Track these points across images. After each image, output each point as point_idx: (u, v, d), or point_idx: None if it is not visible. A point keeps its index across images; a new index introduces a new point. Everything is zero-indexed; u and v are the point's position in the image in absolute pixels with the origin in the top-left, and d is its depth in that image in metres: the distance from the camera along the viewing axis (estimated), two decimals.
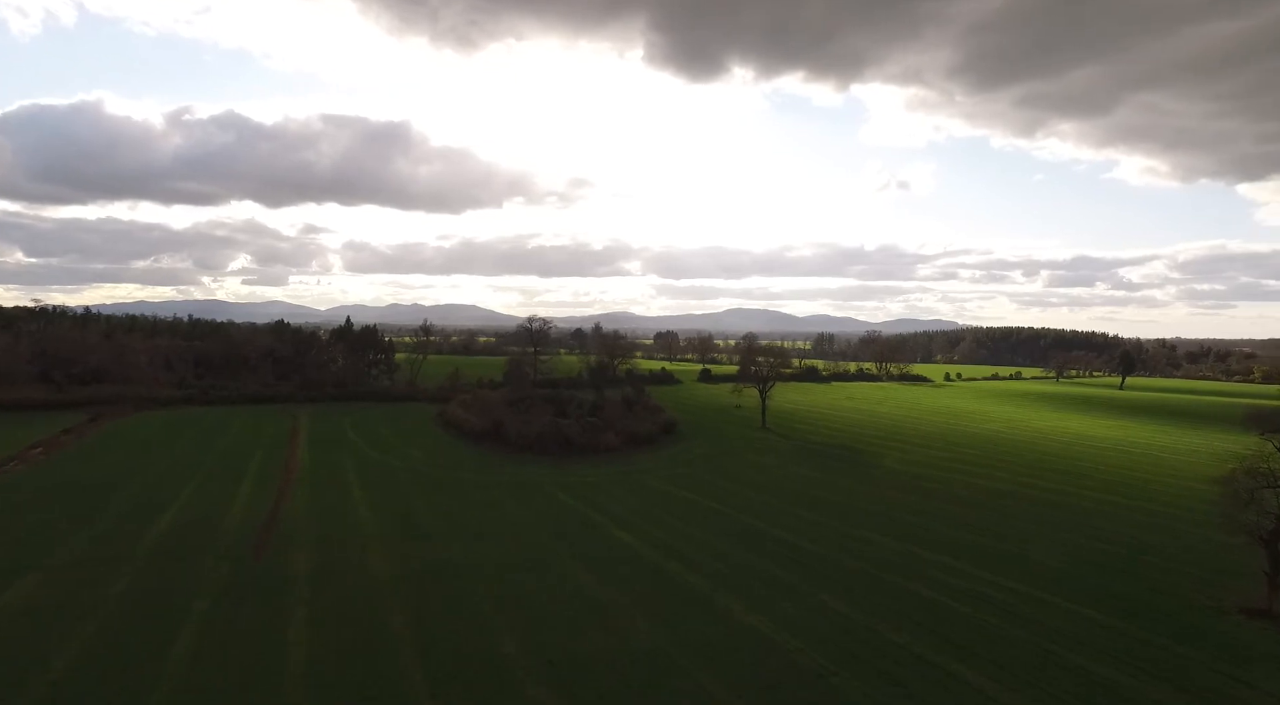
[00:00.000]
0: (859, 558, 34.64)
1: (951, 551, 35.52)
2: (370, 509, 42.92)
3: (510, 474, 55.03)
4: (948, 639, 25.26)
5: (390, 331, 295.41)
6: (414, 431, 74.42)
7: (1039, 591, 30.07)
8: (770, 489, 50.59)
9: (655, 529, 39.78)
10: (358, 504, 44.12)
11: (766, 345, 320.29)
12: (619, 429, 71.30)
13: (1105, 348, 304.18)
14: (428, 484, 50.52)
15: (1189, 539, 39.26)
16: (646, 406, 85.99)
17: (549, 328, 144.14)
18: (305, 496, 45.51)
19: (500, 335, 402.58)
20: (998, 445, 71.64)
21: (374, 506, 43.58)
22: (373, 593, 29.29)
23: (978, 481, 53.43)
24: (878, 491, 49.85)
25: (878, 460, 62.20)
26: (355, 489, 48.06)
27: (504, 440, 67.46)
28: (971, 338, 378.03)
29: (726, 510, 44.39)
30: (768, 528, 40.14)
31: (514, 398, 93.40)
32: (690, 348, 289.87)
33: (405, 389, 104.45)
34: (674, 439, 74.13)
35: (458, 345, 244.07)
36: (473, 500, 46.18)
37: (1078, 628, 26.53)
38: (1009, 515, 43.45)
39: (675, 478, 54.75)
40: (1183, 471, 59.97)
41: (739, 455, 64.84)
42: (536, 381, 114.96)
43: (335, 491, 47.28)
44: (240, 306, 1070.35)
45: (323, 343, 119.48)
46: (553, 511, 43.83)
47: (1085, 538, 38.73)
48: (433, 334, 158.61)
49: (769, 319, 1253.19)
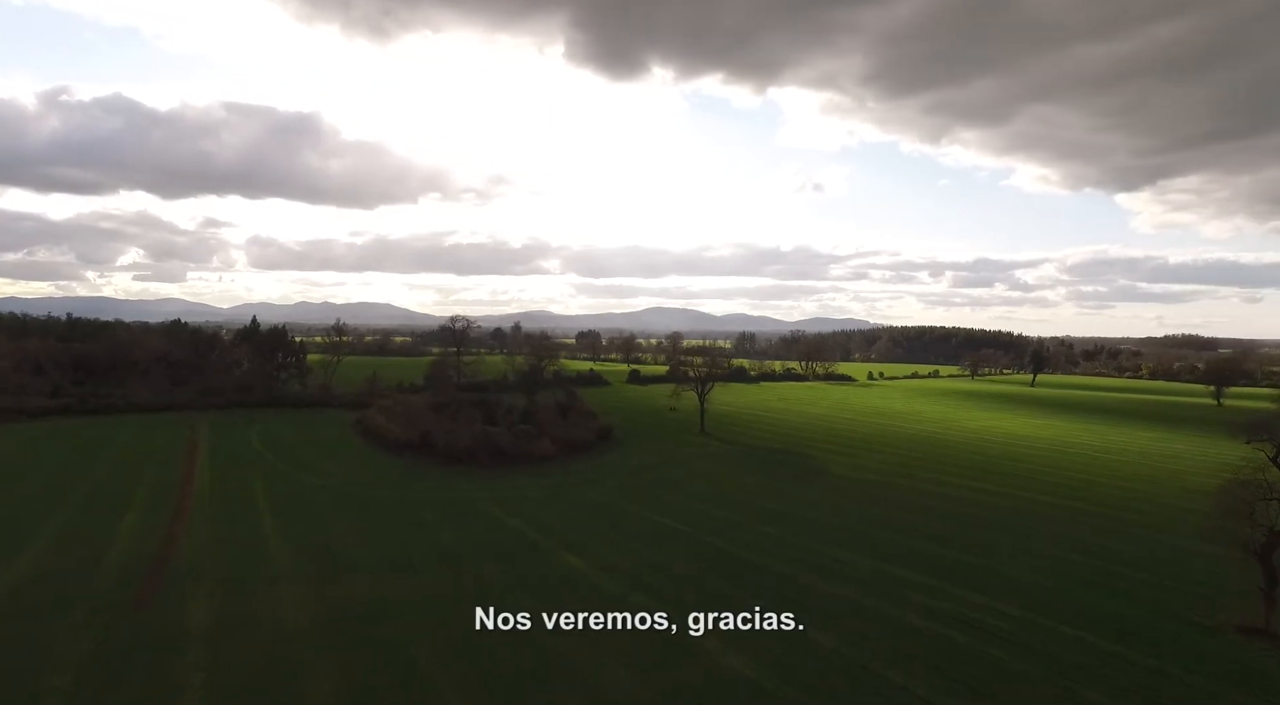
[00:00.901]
0: (835, 579, 32.26)
1: (929, 569, 33.62)
2: (283, 539, 37.69)
3: (440, 489, 50.42)
4: (956, 679, 22.99)
5: (300, 331, 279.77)
6: (330, 442, 68.30)
7: (1033, 614, 28.35)
8: (723, 501, 47.96)
9: (608, 551, 36.39)
10: (268, 533, 38.75)
11: (689, 344, 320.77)
12: (554, 436, 67.45)
13: (1010, 346, 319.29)
14: (349, 504, 45.38)
15: (1154, 546, 38.79)
16: (580, 411, 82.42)
17: (472, 328, 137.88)
18: (204, 526, 39.71)
19: (417, 334, 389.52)
20: (939, 447, 71.60)
21: (287, 535, 38.35)
22: (289, 649, 24.73)
23: (931, 488, 52.41)
24: (833, 501, 47.98)
25: (825, 466, 60.70)
26: (265, 514, 42.48)
27: (431, 450, 62.49)
28: (887, 337, 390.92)
29: (681, 527, 41.40)
30: (729, 547, 37.37)
31: (439, 403, 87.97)
32: (614, 347, 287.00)
33: (319, 394, 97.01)
34: (611, 445, 70.85)
35: (373, 345, 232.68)
36: (401, 522, 41.53)
37: (1087, 657, 24.80)
38: (974, 525, 42.18)
39: (619, 489, 51.45)
40: (1120, 471, 61.01)
41: (682, 462, 62.13)
42: (461, 384, 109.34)
43: (240, 518, 41.61)
44: (132, 304, 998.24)
45: (225, 344, 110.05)
46: (492, 533, 39.77)
47: (1058, 548, 37.64)
48: (346, 334, 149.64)
49: (688, 318, 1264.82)
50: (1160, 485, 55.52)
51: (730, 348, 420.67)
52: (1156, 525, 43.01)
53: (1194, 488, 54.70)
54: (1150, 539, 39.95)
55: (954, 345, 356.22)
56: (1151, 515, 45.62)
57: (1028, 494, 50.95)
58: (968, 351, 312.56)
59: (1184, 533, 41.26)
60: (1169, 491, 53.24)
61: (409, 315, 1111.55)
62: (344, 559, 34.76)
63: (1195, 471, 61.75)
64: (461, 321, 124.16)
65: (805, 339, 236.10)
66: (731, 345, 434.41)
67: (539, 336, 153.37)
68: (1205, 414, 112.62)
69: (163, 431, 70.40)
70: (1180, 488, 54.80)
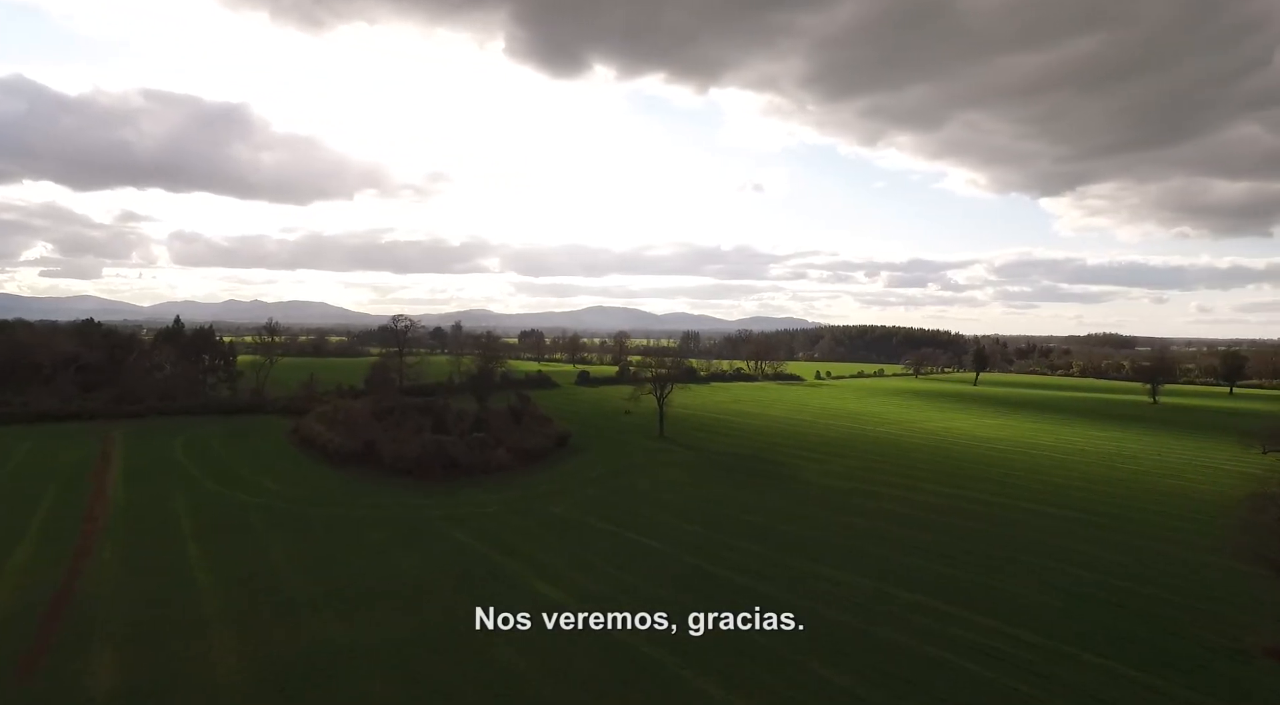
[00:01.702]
0: (835, 605, 29.68)
1: (930, 590, 31.40)
2: (211, 571, 33.00)
3: (390, 506, 46.10)
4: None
5: (228, 330, 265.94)
6: (264, 453, 62.75)
7: (1052, 640, 26.29)
8: (698, 514, 45.10)
9: (583, 577, 33.03)
10: (193, 564, 33.97)
11: (634, 344, 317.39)
12: (509, 444, 63.54)
13: (948, 345, 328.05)
14: (288, 526, 40.69)
15: (1151, 557, 37.40)
16: (535, 417, 78.52)
17: (415, 328, 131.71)
18: (115, 558, 34.63)
19: (353, 334, 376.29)
20: (906, 451, 70.36)
21: (216, 566, 33.65)
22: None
23: (909, 495, 50.64)
24: (813, 512, 45.65)
25: (796, 473, 58.54)
26: (189, 541, 37.49)
27: (377, 461, 57.78)
28: (829, 336, 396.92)
29: (658, 545, 38.33)
30: (715, 569, 34.47)
31: (382, 408, 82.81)
32: (559, 347, 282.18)
33: (251, 400, 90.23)
34: (569, 453, 67.33)
35: (308, 346, 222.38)
36: (348, 547, 37.24)
37: (1122, 692, 22.73)
38: (963, 537, 40.35)
39: (585, 503, 48.04)
40: (1090, 474, 60.42)
41: (647, 471, 59.08)
42: (405, 388, 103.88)
43: (160, 547, 36.59)
44: (40, 302, 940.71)
45: (145, 346, 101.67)
46: (452, 557, 35.91)
47: (1056, 562, 35.91)
48: (280, 333, 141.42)
49: (629, 317, 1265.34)
50: (1132, 489, 55.12)
51: (675, 347, 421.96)
52: (1147, 533, 42.03)
53: (1166, 490, 54.76)
54: (1146, 549, 38.71)
55: (894, 344, 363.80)
56: (1137, 522, 44.73)
57: (1008, 500, 49.69)
58: (908, 350, 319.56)
59: (1175, 541, 40.43)
60: (1144, 496, 52.75)
61: (345, 314, 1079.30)
62: (284, 594, 30.44)
63: (1159, 473, 62.06)
64: (404, 321, 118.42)
65: (754, 339, 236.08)
66: (676, 345, 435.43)
67: (485, 337, 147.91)
68: (1146, 412, 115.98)
69: (70, 444, 63.51)
70: (1152, 491, 54.61)
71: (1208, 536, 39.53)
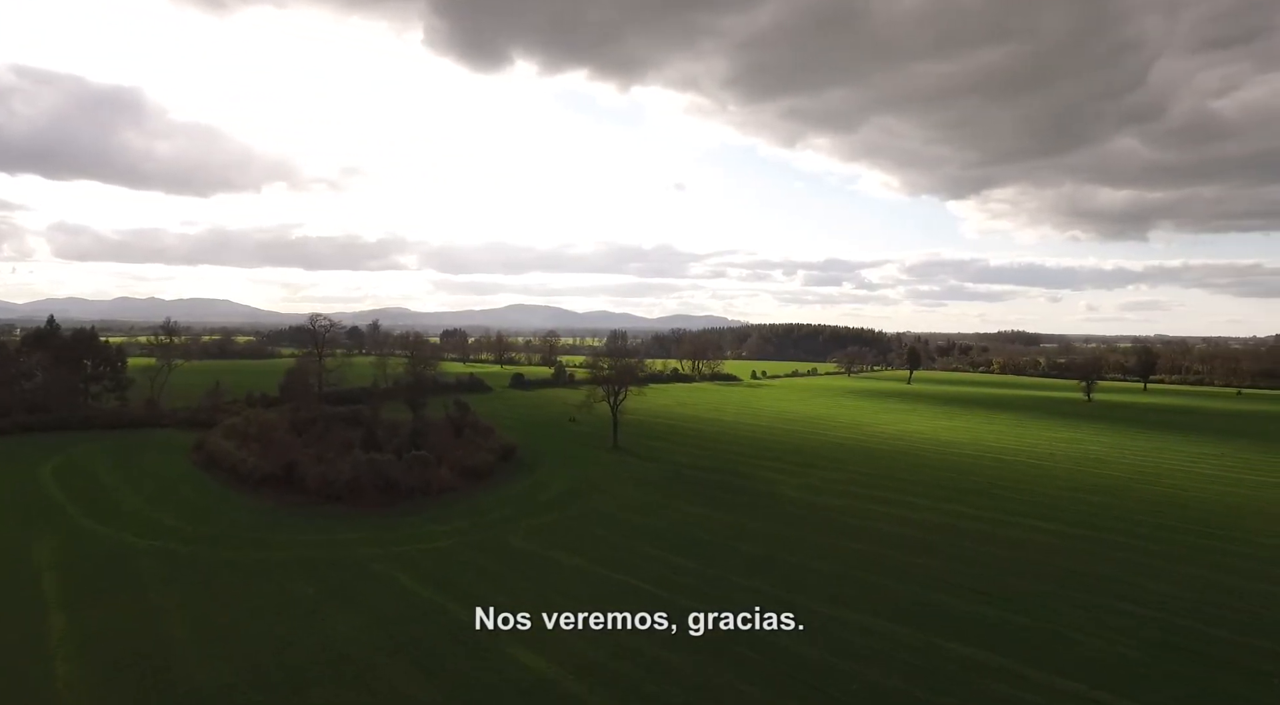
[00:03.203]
0: (881, 665, 24.83)
1: (982, 640, 26.97)
2: (80, 655, 25.36)
3: (318, 543, 38.81)
4: None
5: (120, 330, 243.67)
6: (161, 477, 53.69)
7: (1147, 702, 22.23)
8: (679, 543, 39.78)
9: (574, 640, 27.09)
10: (54, 644, 26.16)
11: (561, 343, 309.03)
12: (452, 461, 56.65)
13: (873, 342, 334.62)
14: (190, 579, 32.99)
15: (1196, 586, 33.51)
16: (477, 427, 71.50)
17: (334, 328, 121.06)
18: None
19: (262, 334, 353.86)
20: (876, 459, 66.56)
21: (89, 645, 26.00)
22: None
23: (902, 513, 46.65)
24: (808, 537, 41.02)
25: (772, 487, 54.02)
26: (53, 609, 29.33)
27: (299, 486, 49.90)
28: (757, 334, 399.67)
29: (647, 587, 32.75)
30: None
31: (302, 419, 74.13)
32: (484, 347, 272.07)
33: (144, 411, 79.18)
34: (516, 468, 60.97)
35: (212, 347, 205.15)
36: (269, 606, 30.10)
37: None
38: (982, 566, 36.31)
39: (547, 532, 41.99)
40: (1078, 483, 57.40)
41: (609, 490, 53.40)
42: (325, 394, 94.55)
43: (8, 619, 28.47)
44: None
45: (11, 350, 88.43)
46: (402, 614, 29.37)
47: (1100, 596, 31.96)
48: (178, 333, 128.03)
49: (550, 315, 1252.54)
50: (1126, 499, 52.59)
51: (602, 346, 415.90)
52: (1176, 554, 38.98)
53: (1160, 499, 52.50)
54: (1189, 577, 35.08)
55: (821, 342, 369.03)
56: (1157, 539, 41.77)
57: (1007, 517, 46.22)
58: (834, 348, 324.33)
59: (1215, 564, 37.36)
60: (1142, 507, 50.07)
61: (252, 313, 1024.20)
62: (186, 684, 23.32)
63: (1141, 479, 60.50)
64: (323, 321, 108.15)
65: (688, 338, 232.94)
66: (603, 343, 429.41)
67: (412, 337, 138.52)
68: (1084, 409, 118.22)
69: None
70: (1147, 500, 52.30)
71: (1242, 555, 37.38)
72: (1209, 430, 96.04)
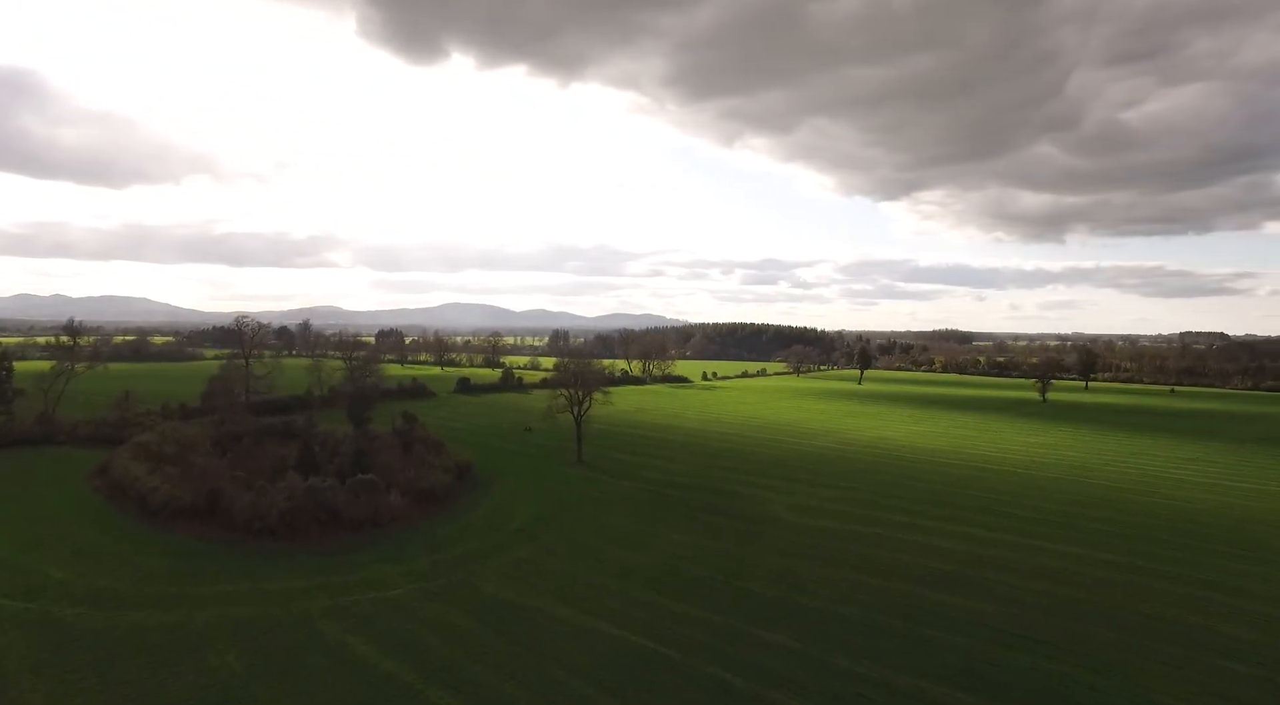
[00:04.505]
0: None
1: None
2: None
3: (247, 598, 32.23)
4: None
5: (17, 330, 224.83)
6: (51, 512, 45.55)
7: None
8: (676, 584, 34.77)
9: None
10: None
11: (503, 343, 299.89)
12: (401, 483, 50.25)
13: (815, 341, 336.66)
14: (76, 660, 26.02)
15: (1260, 624, 30.85)
16: (427, 442, 64.78)
17: (263, 330, 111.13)
18: None
19: (183, 334, 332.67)
20: (865, 472, 62.21)
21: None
22: None
23: (916, 539, 42.45)
24: (821, 572, 36.45)
25: (763, 508, 49.43)
26: None
27: (224, 519, 42.80)
28: (701, 333, 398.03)
29: (651, 645, 27.65)
30: (748, 684, 24.37)
31: (227, 434, 66.21)
32: (422, 347, 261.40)
33: (35, 427, 69.00)
34: (475, 489, 55.05)
35: (125, 349, 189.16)
36: (181, 685, 23.74)
37: None
38: (1028, 605, 32.16)
39: (523, 572, 36.37)
40: (1084, 496, 55.16)
41: (581, 513, 48.00)
42: (253, 404, 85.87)
43: None
44: None
45: None
46: (353, 697, 23.50)
47: (1190, 650, 27.99)
48: (84, 333, 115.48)
49: (486, 314, 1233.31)
50: (1154, 516, 49.90)
51: (544, 346, 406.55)
52: (1230, 587, 35.89)
53: (1171, 513, 49.83)
54: (1262, 616, 32.13)
55: (765, 341, 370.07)
56: (1190, 566, 38.60)
57: (1027, 540, 42.45)
58: (778, 348, 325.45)
59: (1269, 598, 34.31)
60: (1179, 527, 47.29)
61: (173, 311, 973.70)
62: None
63: (1153, 491, 58.44)
64: (250, 323, 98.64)
65: (637, 338, 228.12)
66: (545, 343, 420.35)
67: (352, 339, 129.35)
68: (1045, 410, 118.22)
69: None
70: (1184, 516, 49.75)
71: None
72: (1170, 431, 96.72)
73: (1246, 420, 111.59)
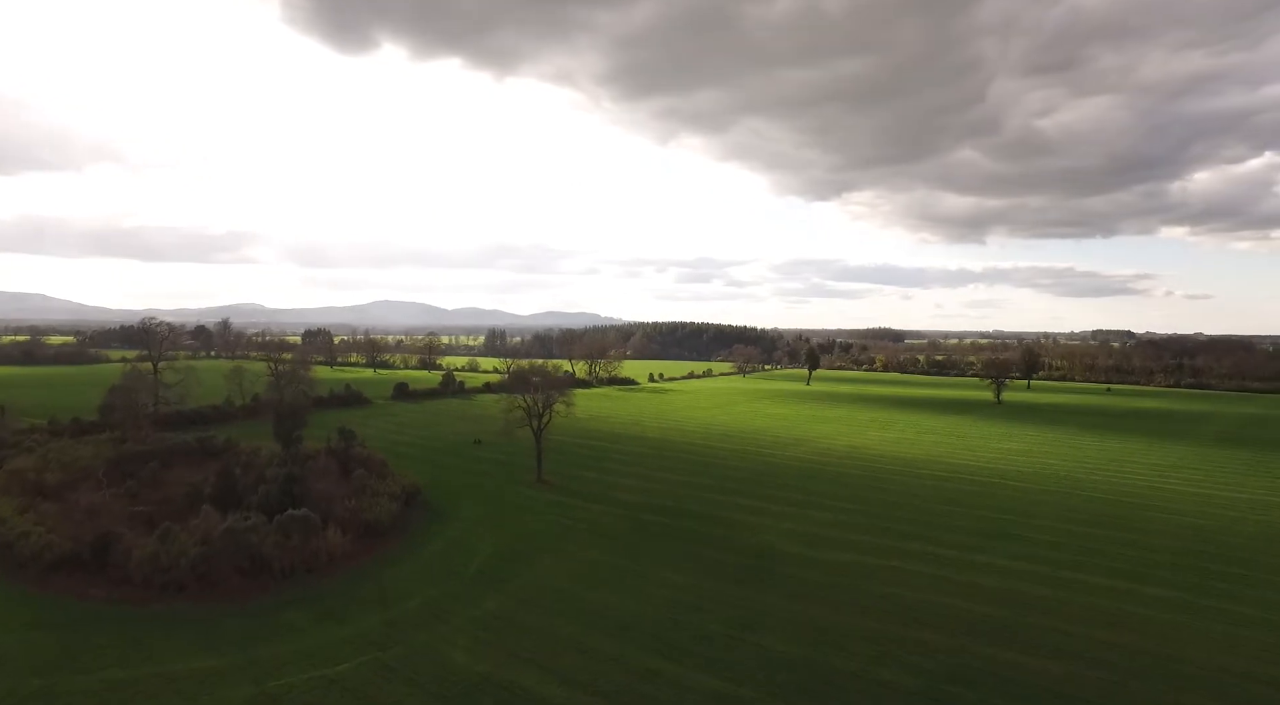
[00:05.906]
0: None
1: None
2: None
3: (142, 686, 25.06)
4: None
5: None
6: None
7: None
8: (677, 642, 29.17)
9: None
10: None
11: (439, 343, 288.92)
12: (340, 516, 43.09)
13: (756, 340, 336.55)
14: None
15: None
16: (368, 463, 57.02)
17: (175, 331, 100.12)
18: None
19: (85, 333, 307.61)
20: (857, 491, 57.04)
21: None
22: None
23: (940, 573, 37.62)
24: (846, 622, 31.40)
25: (757, 537, 44.10)
26: None
27: (119, 574, 34.87)
28: (641, 332, 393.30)
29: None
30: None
31: (128, 454, 57.30)
32: (352, 348, 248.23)
33: None
34: (425, 518, 48.36)
35: (13, 351, 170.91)
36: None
37: None
38: (1099, 662, 27.53)
39: (496, 633, 30.14)
40: (1084, 515, 52.30)
41: (554, 549, 41.82)
42: (161, 417, 76.16)
43: None
44: None
45: None
46: None
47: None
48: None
49: (417, 311, 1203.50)
50: (1149, 533, 47.51)
51: (478, 344, 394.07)
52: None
53: (1185, 534, 46.46)
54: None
55: (705, 341, 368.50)
56: (1253, 602, 35.36)
57: (1060, 572, 38.11)
58: (719, 347, 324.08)
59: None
60: (1174, 543, 45.02)
61: (76, 309, 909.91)
62: None
63: (1137, 502, 56.08)
64: (161, 324, 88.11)
65: (580, 337, 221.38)
66: (481, 342, 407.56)
67: (275, 339, 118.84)
68: (1002, 411, 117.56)
69: None
70: (1177, 537, 47.43)
71: None
72: (1139, 432, 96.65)
73: (1199, 419, 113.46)
